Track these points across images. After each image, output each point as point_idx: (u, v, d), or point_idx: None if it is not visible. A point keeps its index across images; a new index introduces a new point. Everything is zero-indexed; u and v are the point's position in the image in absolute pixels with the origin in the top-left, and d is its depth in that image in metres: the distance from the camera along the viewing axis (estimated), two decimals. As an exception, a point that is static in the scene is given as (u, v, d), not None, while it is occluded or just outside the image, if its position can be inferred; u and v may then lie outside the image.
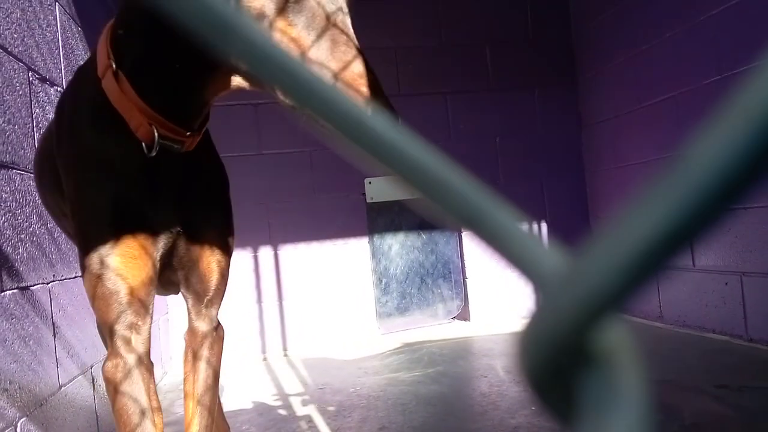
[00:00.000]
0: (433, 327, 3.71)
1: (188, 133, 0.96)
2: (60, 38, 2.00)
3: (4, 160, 1.51)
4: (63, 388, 1.72)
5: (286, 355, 3.38)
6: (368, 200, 3.57)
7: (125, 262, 0.92)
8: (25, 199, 1.61)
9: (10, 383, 1.40)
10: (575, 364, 0.18)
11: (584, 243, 0.17)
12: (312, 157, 3.46)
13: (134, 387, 0.93)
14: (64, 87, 1.13)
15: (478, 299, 3.72)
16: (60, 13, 2.02)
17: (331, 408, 2.28)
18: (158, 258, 0.98)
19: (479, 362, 2.82)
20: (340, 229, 3.52)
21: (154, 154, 0.93)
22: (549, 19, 3.83)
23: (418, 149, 0.21)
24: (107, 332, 0.93)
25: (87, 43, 2.30)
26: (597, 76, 3.66)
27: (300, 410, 2.30)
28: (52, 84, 1.90)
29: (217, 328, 1.13)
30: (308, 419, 2.18)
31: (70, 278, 1.87)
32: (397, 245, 3.72)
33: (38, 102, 1.77)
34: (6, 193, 1.50)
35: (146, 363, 0.95)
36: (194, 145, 1.00)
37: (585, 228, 3.80)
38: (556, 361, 0.18)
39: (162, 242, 0.98)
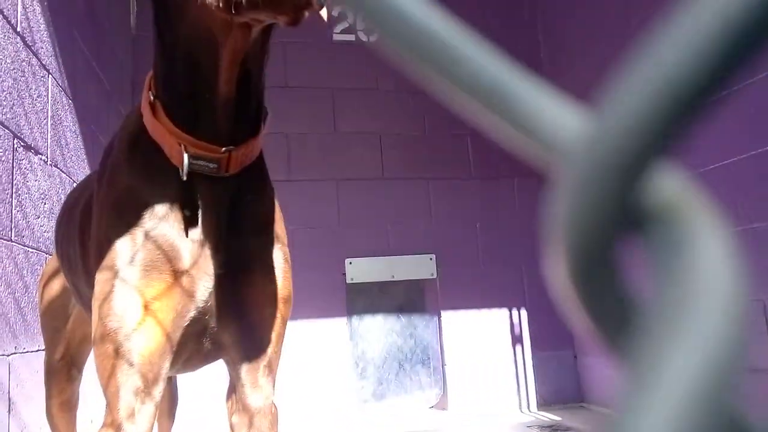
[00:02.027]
0: (411, 416, 3.58)
1: (223, 149, 0.84)
2: (50, 109, 2.03)
3: (-22, 225, 1.48)
4: (11, 472, 1.60)
5: (255, 442, 3.20)
6: (348, 280, 3.54)
7: (147, 315, 0.80)
8: (-5, 266, 1.56)
9: (-47, 463, 1.30)
10: (632, 229, 0.15)
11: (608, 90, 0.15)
12: (294, 234, 3.44)
13: None
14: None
15: (456, 388, 3.61)
16: (52, 85, 2.06)
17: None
18: (193, 312, 0.84)
19: (457, 454, 2.70)
20: (319, 308, 3.45)
21: (184, 177, 0.83)
22: (528, 112, 3.99)
23: (429, 16, 0.19)
24: (109, 396, 0.80)
25: (76, 115, 2.32)
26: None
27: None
28: (37, 152, 1.90)
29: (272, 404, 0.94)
30: None
31: (32, 351, 1.79)
32: (376, 328, 3.65)
33: (20, 169, 1.76)
34: (-25, 258, 1.46)
35: None
36: (238, 166, 0.86)
37: (565, 314, 3.77)
38: (606, 235, 0.15)
39: (200, 290, 0.84)
